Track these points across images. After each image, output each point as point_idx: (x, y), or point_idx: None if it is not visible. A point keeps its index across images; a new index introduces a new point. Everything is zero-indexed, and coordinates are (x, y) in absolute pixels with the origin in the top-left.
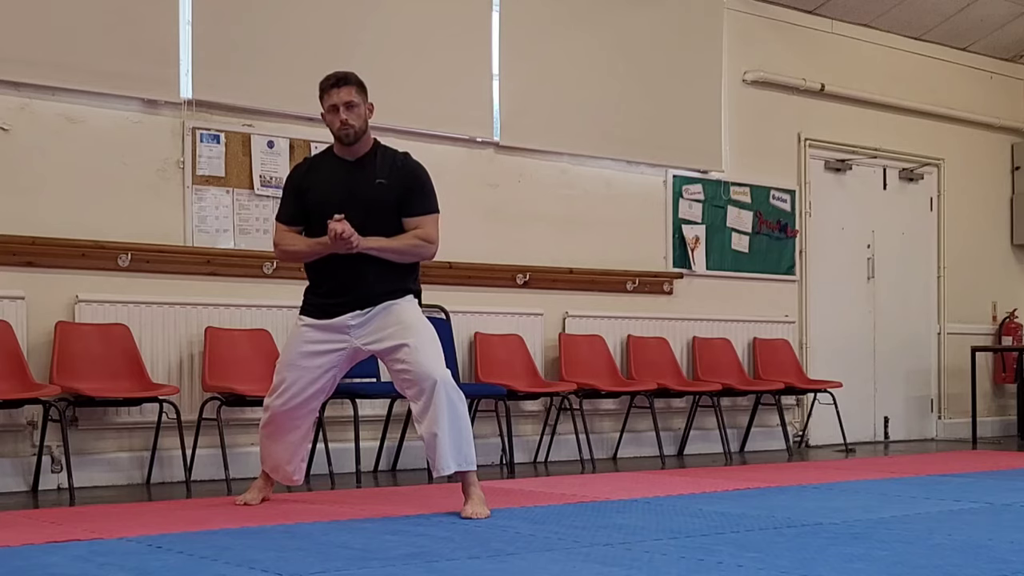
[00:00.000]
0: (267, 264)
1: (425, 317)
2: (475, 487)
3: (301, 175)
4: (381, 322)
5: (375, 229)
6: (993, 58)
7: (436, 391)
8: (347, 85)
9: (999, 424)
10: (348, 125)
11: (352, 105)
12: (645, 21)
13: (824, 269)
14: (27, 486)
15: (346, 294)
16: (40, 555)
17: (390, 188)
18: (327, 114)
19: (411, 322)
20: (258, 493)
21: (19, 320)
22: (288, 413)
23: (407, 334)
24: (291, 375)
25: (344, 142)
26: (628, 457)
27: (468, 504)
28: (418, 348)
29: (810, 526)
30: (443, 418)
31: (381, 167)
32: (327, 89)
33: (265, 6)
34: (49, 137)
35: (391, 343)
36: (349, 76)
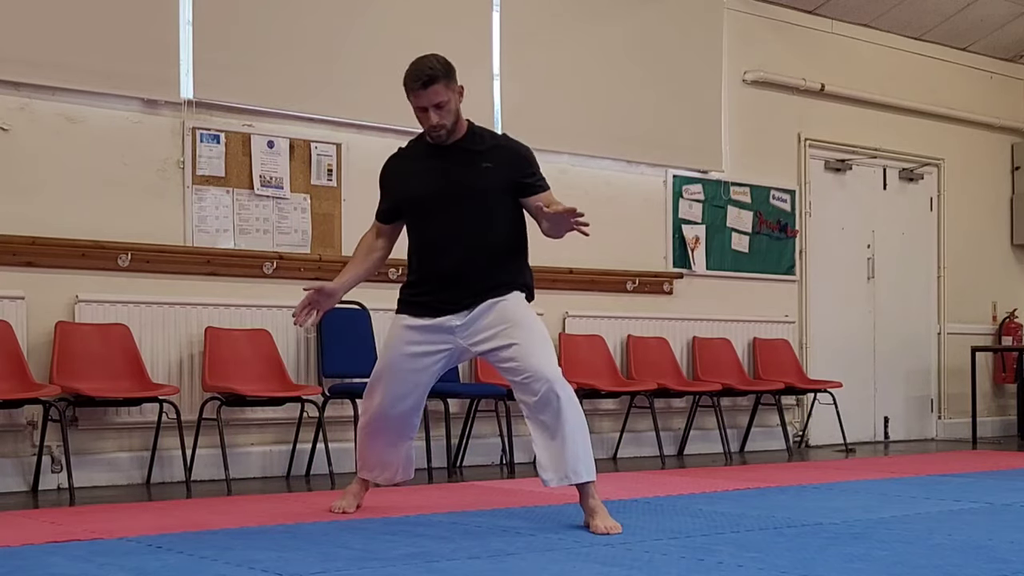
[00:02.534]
0: (267, 264)
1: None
2: (595, 499)
3: (393, 169)
4: (488, 320)
5: (478, 217)
6: (993, 58)
7: (551, 392)
8: (434, 84)
9: (999, 424)
10: (440, 127)
11: (441, 105)
12: (645, 21)
13: (824, 269)
14: (27, 486)
15: (450, 290)
16: (40, 555)
17: (497, 170)
18: (416, 111)
19: (519, 319)
20: (354, 499)
21: (19, 320)
22: (391, 416)
23: (515, 332)
24: (391, 378)
25: (436, 143)
26: (628, 457)
27: (597, 518)
28: (527, 347)
29: (810, 526)
30: (567, 422)
31: (482, 149)
32: (414, 91)
33: (265, 6)
34: (49, 137)
35: (499, 343)
36: (435, 72)
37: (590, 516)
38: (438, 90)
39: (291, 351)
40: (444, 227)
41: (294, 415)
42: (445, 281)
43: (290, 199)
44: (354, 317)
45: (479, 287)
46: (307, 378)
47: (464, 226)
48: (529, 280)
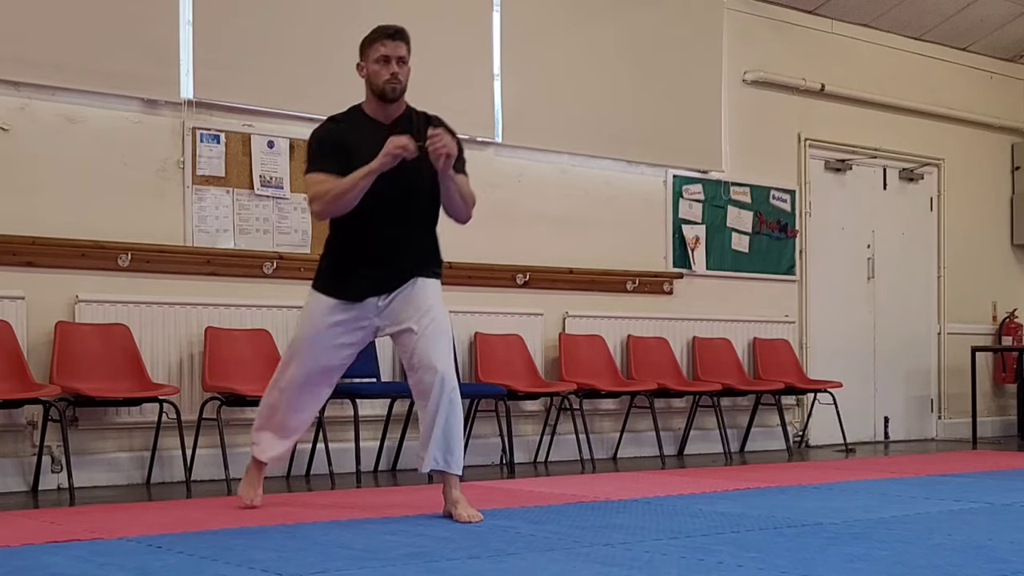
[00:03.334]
0: (267, 264)
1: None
2: (459, 490)
3: (341, 131)
4: (403, 303)
5: (413, 195)
6: (993, 58)
7: (435, 385)
8: (403, 40)
9: (999, 424)
10: (397, 79)
11: (404, 61)
12: (645, 21)
13: (824, 269)
14: (27, 486)
15: (382, 268)
16: (40, 555)
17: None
18: (372, 64)
19: (429, 306)
20: (258, 487)
21: (19, 320)
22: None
23: (421, 318)
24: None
25: (389, 97)
26: (628, 457)
27: (460, 507)
28: (428, 337)
29: (810, 526)
30: (451, 416)
31: (420, 131)
32: (380, 39)
33: (265, 6)
34: (49, 137)
35: (405, 325)
36: (404, 31)
37: (453, 506)
38: (405, 47)
39: None
40: (381, 203)
41: None
42: (378, 259)
43: (290, 199)
44: None
45: (408, 266)
46: None
47: (401, 204)
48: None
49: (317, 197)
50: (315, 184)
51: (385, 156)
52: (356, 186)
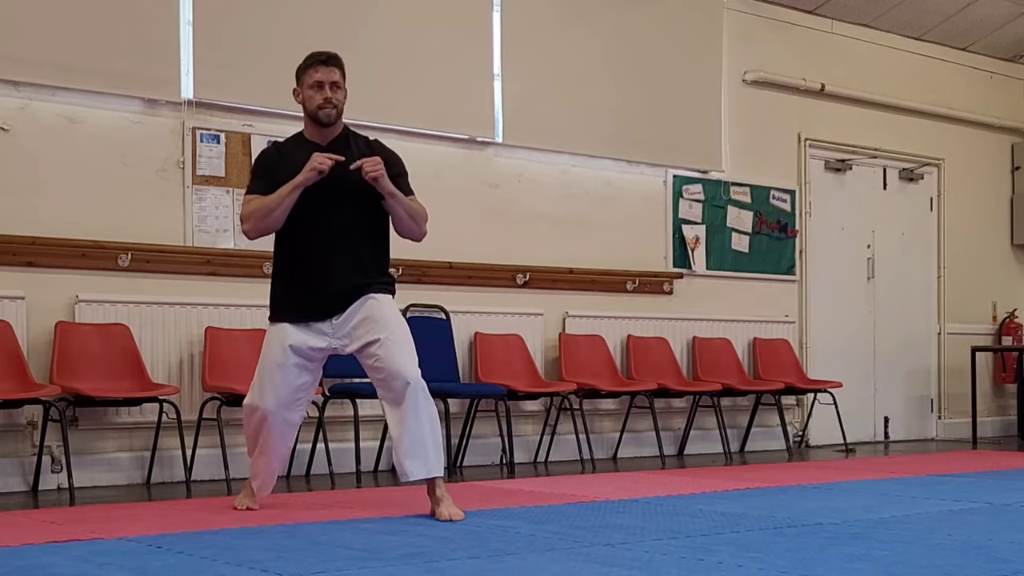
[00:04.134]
0: (267, 264)
1: (400, 315)
2: (442, 489)
3: (271, 157)
4: (356, 320)
5: (349, 216)
6: (993, 58)
7: (408, 392)
8: (335, 66)
9: (999, 424)
10: (331, 104)
11: (337, 86)
12: (645, 21)
13: (824, 269)
14: (27, 486)
15: (325, 291)
16: (40, 555)
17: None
18: (307, 90)
19: (386, 319)
20: (255, 502)
21: (19, 320)
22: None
23: (380, 330)
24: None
25: (323, 122)
26: (628, 457)
27: (443, 506)
28: (391, 345)
29: (810, 526)
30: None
31: (356, 152)
32: (313, 65)
33: (265, 6)
34: (49, 137)
35: (365, 340)
36: (337, 57)
37: (438, 504)
38: (337, 72)
39: None
40: (317, 226)
41: None
42: (319, 282)
43: None
44: None
45: (351, 286)
46: None
47: (336, 225)
48: (393, 279)
49: (245, 217)
50: (245, 204)
51: (308, 171)
52: (281, 203)
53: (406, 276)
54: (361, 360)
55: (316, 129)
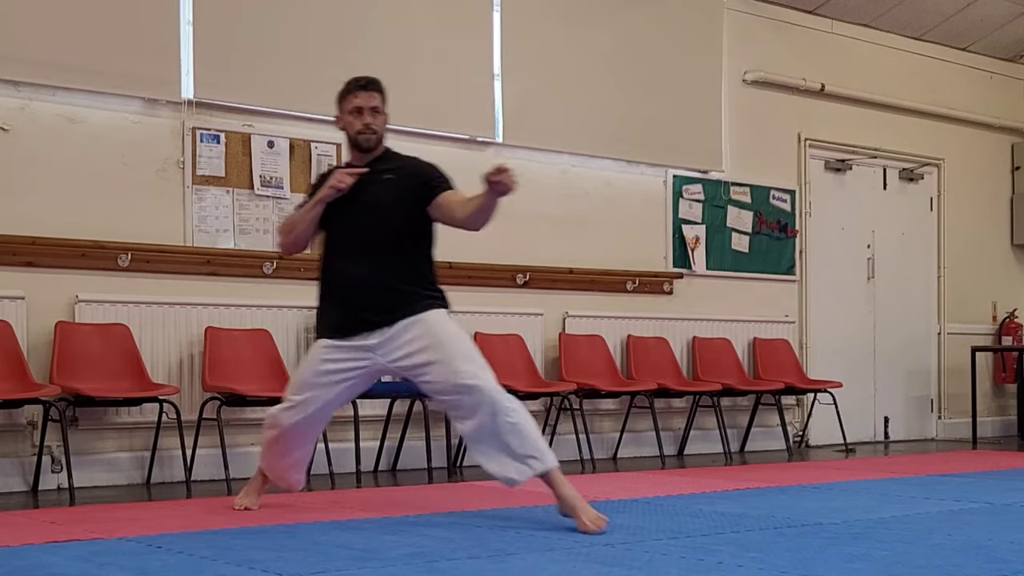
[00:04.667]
0: (267, 264)
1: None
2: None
3: (322, 176)
4: (408, 337)
5: (385, 232)
6: (993, 58)
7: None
8: (375, 91)
9: (999, 424)
10: (371, 129)
11: (378, 111)
12: (645, 21)
13: (824, 269)
14: (27, 486)
15: (363, 307)
16: (40, 555)
17: (397, 182)
18: (347, 115)
19: (435, 335)
20: (257, 496)
21: (19, 320)
22: (300, 430)
23: (439, 345)
24: (307, 394)
25: (363, 147)
26: (628, 457)
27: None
28: (446, 363)
29: (810, 526)
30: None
31: (388, 166)
32: (354, 91)
33: (265, 6)
34: (49, 137)
35: (419, 360)
36: (378, 82)
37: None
38: (378, 96)
39: (291, 351)
40: (353, 243)
41: None
42: (357, 298)
43: (290, 199)
44: None
45: (392, 303)
46: None
47: (373, 241)
48: (442, 292)
49: (278, 232)
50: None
51: (327, 188)
52: (303, 218)
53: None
54: (417, 378)
55: (357, 155)
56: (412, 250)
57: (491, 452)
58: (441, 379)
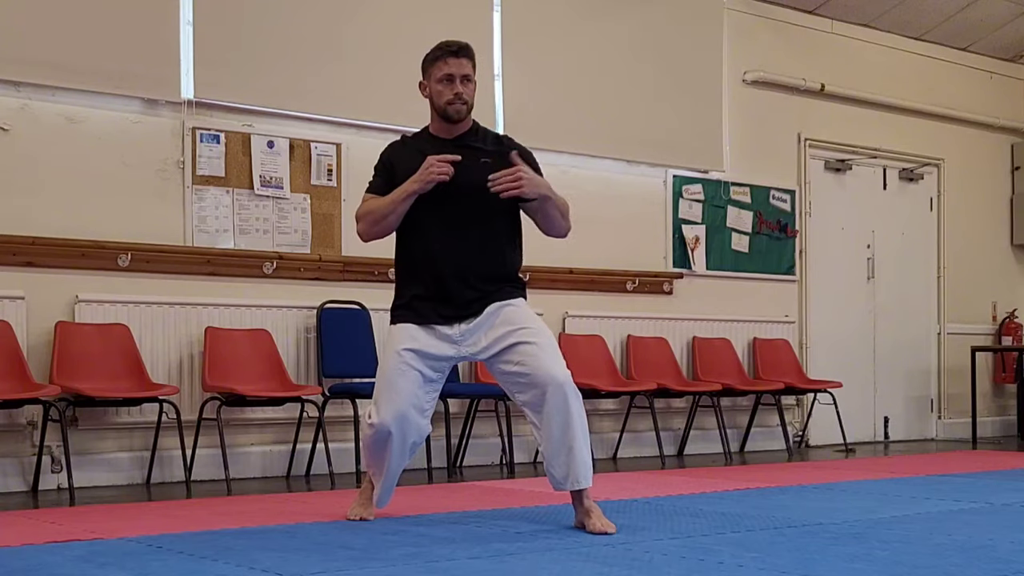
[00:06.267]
0: (267, 264)
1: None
2: (591, 499)
3: (396, 152)
4: (493, 324)
5: (479, 217)
6: (993, 58)
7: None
8: (466, 57)
9: (999, 424)
10: (461, 99)
11: (469, 79)
12: (645, 21)
13: (824, 269)
14: (27, 486)
15: (451, 294)
16: (40, 555)
17: (497, 166)
18: (435, 84)
19: (527, 322)
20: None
21: (19, 320)
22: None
23: (523, 333)
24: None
25: (452, 118)
26: (628, 457)
27: (594, 517)
28: (535, 347)
29: (810, 526)
30: (577, 427)
31: (485, 145)
32: (443, 57)
33: (265, 6)
34: (49, 137)
35: (506, 343)
36: (469, 47)
37: (587, 516)
38: (469, 64)
39: (291, 351)
40: (444, 227)
41: (294, 415)
42: (445, 285)
43: (290, 199)
44: (354, 317)
45: (482, 291)
46: (307, 378)
47: (466, 226)
48: (522, 281)
49: (359, 217)
50: (361, 205)
51: (421, 181)
52: (394, 210)
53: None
54: (498, 365)
55: (443, 125)
56: (504, 239)
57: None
58: (529, 364)
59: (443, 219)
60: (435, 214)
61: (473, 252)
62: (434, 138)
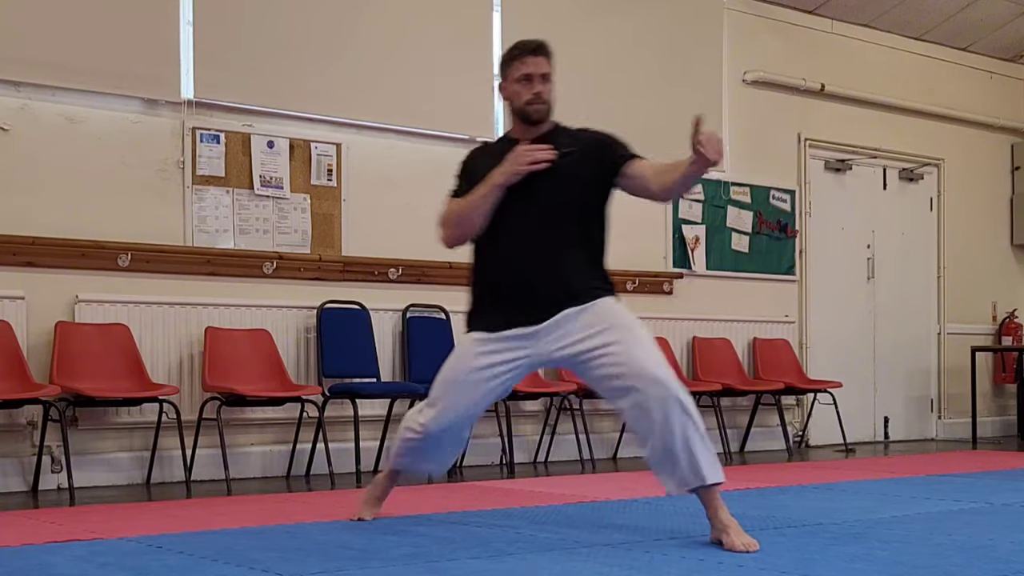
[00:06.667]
0: (267, 264)
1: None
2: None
3: (476, 157)
4: (579, 323)
5: (560, 216)
6: (993, 58)
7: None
8: (544, 55)
9: (999, 424)
10: (541, 99)
11: (547, 78)
12: (645, 21)
13: (824, 269)
14: (27, 486)
15: (529, 298)
16: (40, 555)
17: (578, 160)
18: (513, 84)
19: (619, 318)
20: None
21: (19, 320)
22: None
23: (615, 331)
24: (454, 396)
25: (532, 119)
26: (628, 457)
27: (732, 534)
28: (629, 344)
29: (810, 526)
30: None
31: (564, 139)
32: (520, 56)
33: (265, 6)
34: (49, 137)
35: (594, 344)
36: (546, 45)
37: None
38: (548, 62)
39: (291, 351)
40: (528, 224)
41: (294, 415)
42: (523, 288)
43: (290, 199)
44: (354, 317)
45: (567, 293)
46: (307, 378)
47: (551, 224)
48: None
49: (442, 224)
50: (443, 212)
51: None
52: (479, 206)
53: (406, 276)
54: (585, 366)
55: (523, 127)
56: (590, 235)
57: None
58: (620, 363)
59: (523, 220)
60: (515, 214)
61: (557, 252)
62: (514, 141)
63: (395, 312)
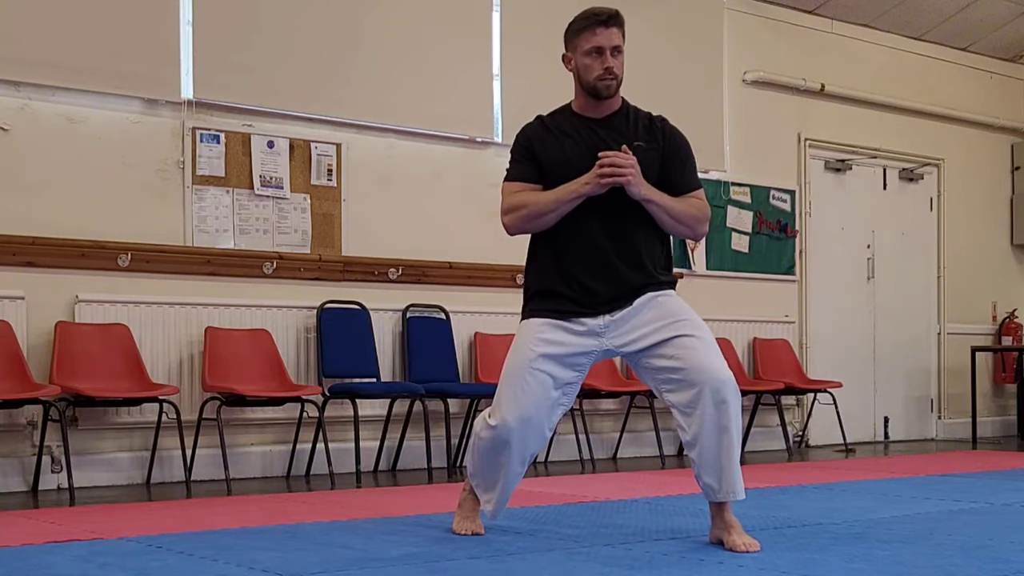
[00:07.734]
0: (267, 264)
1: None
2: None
3: (536, 133)
4: (644, 316)
5: (630, 203)
6: (993, 58)
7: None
8: (617, 26)
9: (999, 424)
10: (612, 74)
11: (619, 51)
12: (645, 21)
13: (824, 269)
14: (27, 486)
15: (596, 286)
16: (40, 555)
17: (649, 152)
18: (582, 57)
19: (684, 315)
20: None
21: (19, 320)
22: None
23: (681, 327)
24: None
25: (602, 95)
26: (628, 457)
27: (734, 534)
28: (697, 342)
29: (810, 526)
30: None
31: (636, 127)
32: (590, 27)
33: (265, 6)
34: (49, 137)
35: (658, 337)
36: (619, 16)
37: (727, 532)
38: (620, 34)
39: (291, 351)
40: (591, 214)
41: (294, 415)
42: (593, 275)
43: (290, 199)
44: (354, 317)
45: (630, 282)
46: (307, 378)
47: (614, 214)
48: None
49: (509, 210)
50: (508, 195)
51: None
52: (557, 208)
53: (406, 276)
54: (648, 360)
55: (590, 103)
56: (655, 227)
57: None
58: (686, 359)
59: (592, 208)
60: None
61: (619, 241)
62: (578, 116)
63: (395, 312)
